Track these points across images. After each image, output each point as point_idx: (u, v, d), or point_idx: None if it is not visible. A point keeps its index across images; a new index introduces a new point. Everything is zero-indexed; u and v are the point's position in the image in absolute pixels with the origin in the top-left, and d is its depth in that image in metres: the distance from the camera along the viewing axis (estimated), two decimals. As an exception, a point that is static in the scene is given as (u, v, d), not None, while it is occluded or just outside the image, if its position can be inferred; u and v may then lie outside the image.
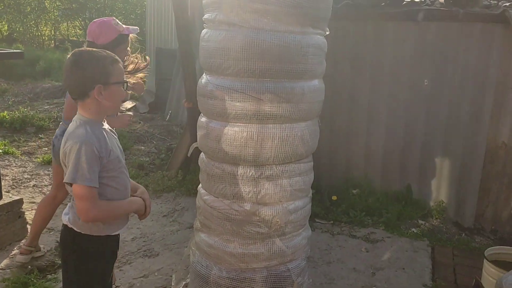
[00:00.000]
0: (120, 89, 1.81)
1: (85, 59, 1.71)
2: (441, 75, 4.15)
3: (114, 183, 1.79)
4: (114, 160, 1.77)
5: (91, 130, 1.71)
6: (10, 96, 8.73)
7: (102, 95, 1.71)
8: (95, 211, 1.68)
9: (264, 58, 2.12)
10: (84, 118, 1.75)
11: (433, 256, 3.53)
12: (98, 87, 1.69)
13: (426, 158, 4.32)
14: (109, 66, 1.74)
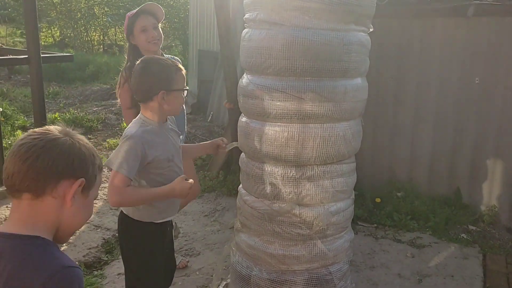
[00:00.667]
0: (180, 95, 1.98)
1: (152, 66, 1.91)
2: (493, 73, 3.94)
3: (161, 178, 1.96)
4: (163, 160, 1.94)
5: (142, 132, 1.89)
6: (61, 99, 9.15)
7: (164, 100, 1.89)
8: (119, 197, 1.84)
9: (306, 57, 2.08)
10: (144, 117, 1.95)
11: (485, 264, 3.35)
12: (162, 92, 1.87)
13: (477, 161, 4.11)
14: (173, 74, 1.93)
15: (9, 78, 10.61)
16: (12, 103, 7.83)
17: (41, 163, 1.01)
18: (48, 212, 1.05)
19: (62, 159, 1.04)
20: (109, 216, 3.97)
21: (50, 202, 1.04)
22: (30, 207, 1.03)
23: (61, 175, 1.04)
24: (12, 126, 6.47)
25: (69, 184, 1.05)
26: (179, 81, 1.94)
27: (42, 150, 1.02)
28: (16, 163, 1.02)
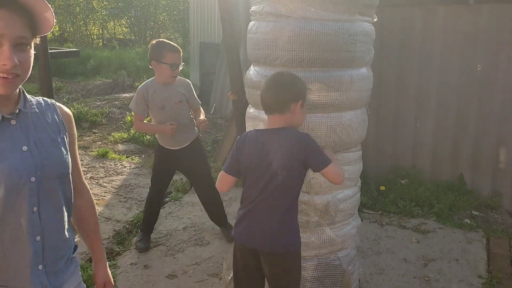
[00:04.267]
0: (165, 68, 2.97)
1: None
2: (495, 60, 3.97)
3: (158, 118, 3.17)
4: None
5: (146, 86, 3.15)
6: (64, 94, 9.19)
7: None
8: (136, 127, 3.21)
9: (312, 48, 2.12)
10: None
11: (488, 248, 3.41)
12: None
13: (480, 147, 4.16)
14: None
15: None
16: (16, 99, 7.87)
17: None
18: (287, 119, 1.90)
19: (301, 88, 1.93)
20: (118, 208, 4.04)
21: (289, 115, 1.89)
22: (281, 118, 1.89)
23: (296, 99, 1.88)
24: (17, 122, 6.52)
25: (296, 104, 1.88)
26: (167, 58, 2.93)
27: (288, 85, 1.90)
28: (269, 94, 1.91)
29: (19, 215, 1.16)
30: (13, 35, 1.09)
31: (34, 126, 1.23)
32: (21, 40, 1.11)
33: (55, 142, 1.26)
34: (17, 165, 1.15)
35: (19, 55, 1.11)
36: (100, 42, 18.29)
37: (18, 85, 1.16)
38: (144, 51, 13.72)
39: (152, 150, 5.89)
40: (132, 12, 17.06)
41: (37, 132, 1.23)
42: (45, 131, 1.25)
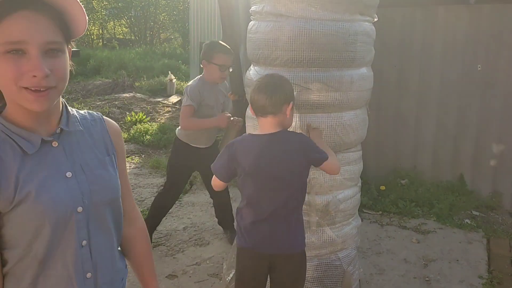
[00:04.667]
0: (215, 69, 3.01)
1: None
2: (495, 60, 3.97)
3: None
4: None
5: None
6: (64, 94, 9.17)
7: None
8: (185, 123, 3.02)
9: (313, 48, 2.12)
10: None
11: (489, 248, 3.41)
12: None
13: (480, 147, 4.16)
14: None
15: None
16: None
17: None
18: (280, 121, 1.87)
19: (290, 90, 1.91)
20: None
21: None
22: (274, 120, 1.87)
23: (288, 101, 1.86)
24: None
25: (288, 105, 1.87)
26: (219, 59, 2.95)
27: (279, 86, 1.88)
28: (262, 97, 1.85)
29: (65, 252, 1.01)
30: (40, 40, 0.92)
31: (79, 147, 1.06)
32: (52, 45, 0.94)
33: (103, 163, 1.10)
34: (62, 196, 0.99)
35: (50, 63, 0.93)
36: (100, 42, 18.29)
37: (55, 98, 0.97)
38: (144, 51, 13.72)
39: (152, 150, 5.88)
40: (132, 12, 17.06)
41: (83, 153, 1.07)
42: (91, 151, 1.09)
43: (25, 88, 0.92)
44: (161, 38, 17.90)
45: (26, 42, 0.91)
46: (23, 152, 0.97)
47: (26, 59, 0.91)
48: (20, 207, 0.95)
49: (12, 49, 0.91)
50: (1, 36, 0.91)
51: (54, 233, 0.98)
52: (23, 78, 0.91)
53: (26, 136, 0.98)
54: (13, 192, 0.94)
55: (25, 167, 0.97)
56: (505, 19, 3.88)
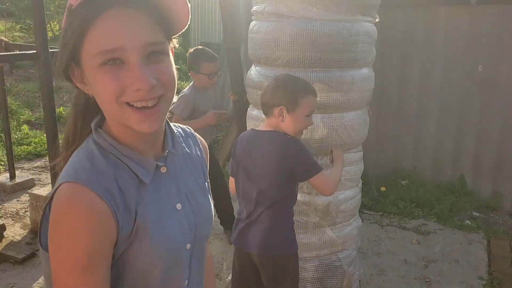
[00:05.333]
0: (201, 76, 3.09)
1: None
2: (497, 61, 3.96)
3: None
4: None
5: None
6: (64, 93, 9.17)
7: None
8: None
9: (314, 48, 2.11)
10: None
11: (489, 249, 3.41)
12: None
13: (481, 148, 4.15)
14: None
15: (11, 73, 10.61)
16: (16, 98, 7.86)
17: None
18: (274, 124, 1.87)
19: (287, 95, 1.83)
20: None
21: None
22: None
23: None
24: (17, 121, 6.51)
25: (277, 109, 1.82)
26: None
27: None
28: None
29: None
30: (139, 44, 0.74)
31: (181, 171, 0.92)
32: (153, 47, 0.76)
33: (203, 189, 0.97)
34: (174, 233, 0.86)
35: (155, 69, 0.76)
36: (101, 42, 18.28)
37: (165, 113, 0.81)
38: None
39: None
40: (132, 11, 17.04)
41: (186, 178, 0.92)
42: (192, 176, 0.95)
43: (127, 104, 0.76)
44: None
45: (123, 49, 0.73)
46: (139, 181, 0.81)
47: (126, 70, 0.74)
48: (134, 245, 0.80)
49: (108, 59, 0.74)
50: (93, 45, 0.74)
51: (164, 275, 0.84)
52: (125, 92, 0.75)
53: (141, 161, 0.82)
54: (131, 227, 0.79)
55: (142, 198, 0.81)
56: (507, 20, 3.87)
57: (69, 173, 0.77)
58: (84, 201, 0.74)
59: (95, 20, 0.73)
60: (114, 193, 0.77)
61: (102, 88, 0.75)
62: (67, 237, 0.74)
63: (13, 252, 3.16)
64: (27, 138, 5.76)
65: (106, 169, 0.78)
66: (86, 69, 0.77)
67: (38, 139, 5.68)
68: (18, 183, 4.29)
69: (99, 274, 0.76)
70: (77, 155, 0.81)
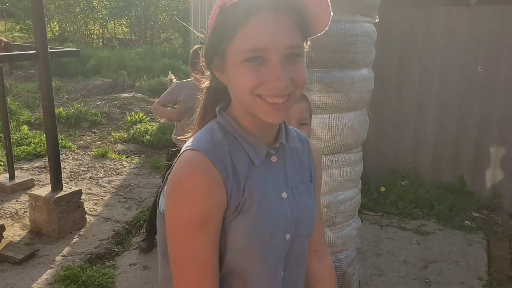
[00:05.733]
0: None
1: None
2: (496, 61, 3.96)
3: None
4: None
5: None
6: (64, 93, 9.18)
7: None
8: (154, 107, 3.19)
9: (313, 48, 2.08)
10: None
11: (489, 249, 3.41)
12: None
13: (481, 148, 4.15)
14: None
15: (10, 74, 10.61)
16: (15, 99, 7.86)
17: None
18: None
19: None
20: (118, 208, 4.03)
21: None
22: None
23: None
24: (17, 121, 6.51)
25: None
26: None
27: None
28: None
29: (264, 279, 0.91)
30: (282, 46, 0.81)
31: (291, 166, 0.98)
32: (292, 50, 0.82)
33: (309, 190, 1.01)
34: (278, 217, 0.91)
35: (290, 70, 0.82)
36: (100, 42, 18.28)
37: (291, 107, 0.87)
38: (144, 51, 13.72)
39: (152, 150, 5.88)
40: (132, 12, 17.05)
41: (293, 174, 0.98)
42: (299, 174, 1.00)
43: (259, 96, 0.83)
44: (162, 38, 17.90)
45: (268, 49, 0.81)
46: (250, 161, 0.90)
47: (266, 68, 0.81)
48: (239, 218, 0.86)
49: (252, 56, 0.81)
50: (242, 43, 0.82)
51: (261, 257, 0.89)
52: (260, 86, 0.82)
53: (254, 144, 0.90)
54: (239, 200, 0.86)
55: (251, 176, 0.89)
56: (506, 20, 3.88)
57: (192, 142, 0.89)
58: (202, 166, 0.84)
59: (246, 21, 0.81)
60: (227, 165, 0.86)
61: (241, 80, 0.83)
62: (186, 196, 0.83)
63: (12, 252, 3.15)
64: (27, 139, 5.75)
65: (222, 144, 0.88)
66: (229, 62, 0.85)
67: (37, 139, 5.68)
68: (18, 183, 4.29)
69: (210, 234, 0.84)
70: (201, 131, 0.94)
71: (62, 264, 3.09)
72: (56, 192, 3.47)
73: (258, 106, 0.84)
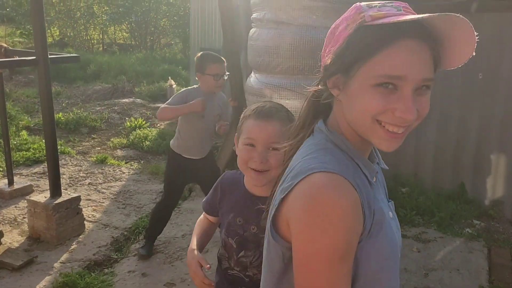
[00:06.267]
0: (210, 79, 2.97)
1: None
2: (496, 69, 3.96)
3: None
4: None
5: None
6: (63, 98, 9.18)
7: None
8: (161, 113, 2.96)
9: (313, 55, 2.10)
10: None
11: (490, 257, 3.39)
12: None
13: (481, 155, 4.14)
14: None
15: (10, 79, 10.63)
16: (15, 104, 7.85)
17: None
18: None
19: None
20: (117, 214, 4.01)
21: None
22: None
23: None
24: (16, 126, 6.50)
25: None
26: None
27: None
28: None
29: None
30: (418, 77, 0.79)
31: (382, 185, 0.99)
32: (426, 82, 0.81)
33: (392, 207, 1.00)
34: (396, 237, 0.91)
35: (418, 101, 0.81)
36: (101, 47, 18.32)
37: (406, 135, 0.86)
38: (144, 56, 13.75)
39: (151, 156, 5.86)
40: (132, 17, 17.10)
41: (382, 194, 0.97)
42: (385, 194, 1.01)
43: (379, 122, 0.81)
44: (162, 44, 17.94)
45: (404, 79, 0.78)
46: (368, 182, 0.87)
47: (396, 96, 0.79)
48: (370, 242, 0.82)
49: (385, 82, 0.79)
50: (378, 67, 0.78)
51: (393, 278, 0.87)
52: (384, 113, 0.80)
53: (366, 164, 0.89)
54: (371, 222, 0.82)
55: (374, 197, 0.85)
56: (506, 28, 3.88)
57: (317, 165, 0.80)
58: (343, 189, 0.77)
59: (387, 45, 0.77)
60: (359, 185, 0.81)
61: (367, 103, 0.80)
62: (329, 224, 0.75)
63: (11, 259, 3.13)
64: (26, 144, 5.74)
65: (347, 163, 0.84)
66: (357, 82, 0.81)
67: (37, 145, 5.66)
68: (17, 189, 4.27)
69: (349, 264, 0.78)
70: (311, 149, 0.86)
71: (60, 270, 3.07)
72: (55, 198, 3.45)
73: (375, 132, 0.81)
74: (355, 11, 0.82)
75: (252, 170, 1.31)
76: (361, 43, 0.80)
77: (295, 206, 0.80)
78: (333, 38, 0.87)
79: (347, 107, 0.85)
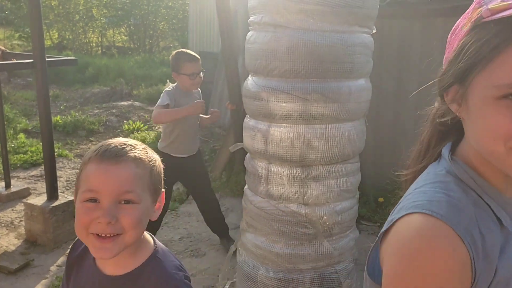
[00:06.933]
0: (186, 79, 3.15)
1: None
2: (493, 72, 3.98)
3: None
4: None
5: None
6: (62, 101, 9.17)
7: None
8: (158, 117, 2.99)
9: (310, 59, 2.11)
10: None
11: (487, 261, 3.38)
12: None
13: (478, 158, 4.14)
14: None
15: (8, 81, 10.62)
16: (13, 107, 7.85)
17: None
18: None
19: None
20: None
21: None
22: None
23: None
24: (14, 129, 6.49)
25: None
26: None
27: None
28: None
29: None
30: None
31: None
32: None
33: None
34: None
35: None
36: (99, 50, 18.33)
37: None
38: (143, 59, 13.76)
39: (149, 159, 5.86)
40: (131, 20, 17.13)
41: None
42: None
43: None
44: (160, 47, 17.96)
45: None
46: (500, 226, 0.68)
47: None
48: None
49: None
50: (499, 74, 0.62)
51: None
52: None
53: (502, 202, 0.69)
54: (489, 282, 0.66)
55: (505, 250, 0.67)
56: None
57: (422, 202, 0.67)
58: (445, 242, 0.62)
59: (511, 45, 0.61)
60: (475, 237, 0.64)
61: (492, 122, 0.63)
62: (419, 277, 0.63)
63: (7, 262, 3.12)
64: (24, 147, 5.73)
65: (466, 206, 0.67)
66: (475, 94, 0.66)
67: (34, 147, 5.65)
68: (13, 192, 4.26)
69: None
70: (426, 180, 0.73)
71: (56, 274, 3.05)
72: (52, 201, 3.45)
73: (509, 161, 0.63)
74: (474, 6, 0.67)
75: (95, 237, 0.90)
76: (477, 44, 0.64)
77: (388, 246, 0.69)
78: (450, 42, 0.74)
79: (470, 127, 0.69)
